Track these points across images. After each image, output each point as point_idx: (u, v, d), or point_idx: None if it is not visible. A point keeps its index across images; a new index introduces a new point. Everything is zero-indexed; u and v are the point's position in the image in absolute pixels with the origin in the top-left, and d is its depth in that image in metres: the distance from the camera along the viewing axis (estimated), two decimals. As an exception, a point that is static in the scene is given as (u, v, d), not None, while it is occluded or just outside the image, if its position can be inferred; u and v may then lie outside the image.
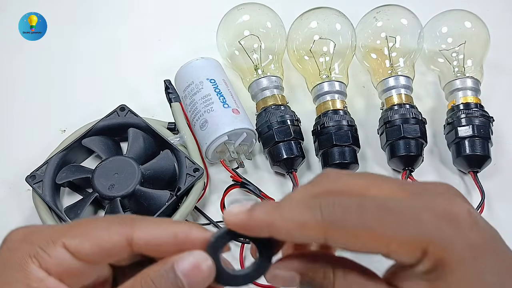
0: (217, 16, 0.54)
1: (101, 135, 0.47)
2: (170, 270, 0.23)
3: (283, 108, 0.48)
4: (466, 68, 0.51)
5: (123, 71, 0.57)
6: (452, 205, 0.22)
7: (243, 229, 0.24)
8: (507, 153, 0.50)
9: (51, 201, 0.42)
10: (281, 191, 0.47)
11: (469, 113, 0.47)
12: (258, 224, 0.23)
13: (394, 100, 0.49)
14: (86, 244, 0.24)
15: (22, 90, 0.56)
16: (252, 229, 0.24)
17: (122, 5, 0.64)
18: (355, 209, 0.22)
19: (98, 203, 0.44)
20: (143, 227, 0.25)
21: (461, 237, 0.22)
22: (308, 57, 0.51)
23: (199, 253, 0.24)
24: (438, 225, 0.22)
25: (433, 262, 0.21)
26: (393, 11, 0.52)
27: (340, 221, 0.22)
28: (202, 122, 0.46)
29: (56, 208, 0.42)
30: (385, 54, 0.51)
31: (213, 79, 0.48)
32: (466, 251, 0.21)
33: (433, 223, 0.22)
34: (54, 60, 0.58)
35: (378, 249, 0.22)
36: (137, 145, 0.45)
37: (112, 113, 0.48)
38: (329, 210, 0.22)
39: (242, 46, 0.52)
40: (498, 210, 0.47)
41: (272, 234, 0.23)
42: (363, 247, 0.22)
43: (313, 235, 0.23)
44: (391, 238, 0.21)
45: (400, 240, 0.21)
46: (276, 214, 0.23)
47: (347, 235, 0.22)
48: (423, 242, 0.21)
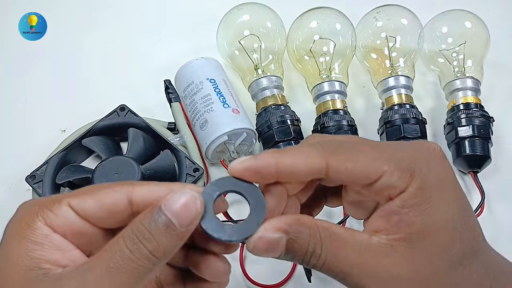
0: (217, 16, 0.54)
1: (101, 135, 0.47)
2: (159, 211, 0.24)
3: (283, 108, 0.48)
4: (466, 68, 0.51)
5: (123, 71, 0.57)
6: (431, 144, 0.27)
7: (249, 172, 0.25)
8: (507, 153, 0.50)
9: None
10: (281, 191, 0.47)
11: (469, 113, 0.47)
12: (265, 164, 0.25)
13: (394, 100, 0.49)
14: (89, 202, 0.25)
15: (22, 90, 0.56)
16: (258, 170, 0.25)
17: (122, 5, 0.64)
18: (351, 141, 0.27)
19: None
20: (142, 186, 0.26)
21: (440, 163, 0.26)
22: (308, 57, 0.51)
23: (188, 192, 0.24)
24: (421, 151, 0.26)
25: (421, 183, 0.24)
26: (393, 11, 0.52)
27: (340, 149, 0.25)
28: (202, 122, 0.46)
29: None
30: (385, 54, 0.51)
31: (213, 79, 0.48)
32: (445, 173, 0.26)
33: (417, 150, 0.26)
34: (54, 60, 0.58)
35: (375, 172, 0.25)
36: (137, 145, 0.45)
37: (112, 113, 0.48)
38: (329, 144, 0.26)
39: (242, 46, 0.52)
40: (498, 210, 0.46)
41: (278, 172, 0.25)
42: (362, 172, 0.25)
43: (317, 166, 0.25)
44: (383, 159, 0.25)
45: (392, 159, 0.25)
46: (281, 153, 0.25)
47: (346, 159, 0.25)
48: (411, 163, 0.25)
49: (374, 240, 0.25)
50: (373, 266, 0.25)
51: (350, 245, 0.25)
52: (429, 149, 0.26)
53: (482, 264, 0.26)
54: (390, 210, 0.25)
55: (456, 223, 0.25)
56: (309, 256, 0.25)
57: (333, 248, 0.25)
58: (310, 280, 0.40)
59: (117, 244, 0.23)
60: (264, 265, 0.43)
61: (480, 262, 0.26)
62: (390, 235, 0.25)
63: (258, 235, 0.25)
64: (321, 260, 0.25)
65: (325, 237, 0.25)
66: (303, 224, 0.25)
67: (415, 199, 0.25)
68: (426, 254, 0.25)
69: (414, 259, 0.24)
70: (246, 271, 0.42)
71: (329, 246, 0.25)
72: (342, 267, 0.25)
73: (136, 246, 0.23)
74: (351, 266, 0.25)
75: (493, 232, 0.45)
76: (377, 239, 0.25)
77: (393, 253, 0.25)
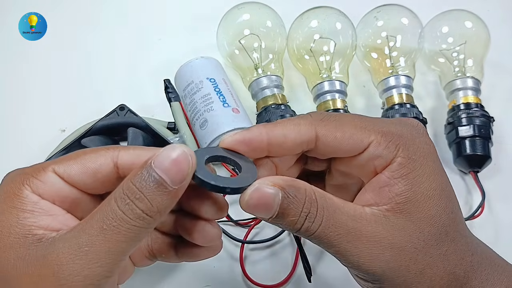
0: (217, 16, 0.54)
1: (101, 134, 0.47)
2: (149, 168, 0.23)
3: (283, 107, 0.48)
4: (467, 68, 0.51)
5: (123, 70, 0.57)
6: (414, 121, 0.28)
7: (240, 143, 0.26)
8: (508, 153, 0.50)
9: None
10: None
11: (469, 113, 0.47)
12: (256, 135, 0.26)
13: (394, 100, 0.49)
14: (74, 167, 0.25)
15: (22, 90, 0.56)
16: (250, 141, 0.26)
17: (122, 4, 0.64)
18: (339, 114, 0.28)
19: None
20: (128, 150, 0.26)
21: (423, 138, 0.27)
22: (308, 56, 0.51)
23: (178, 147, 0.23)
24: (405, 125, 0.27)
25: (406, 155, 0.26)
26: (394, 11, 0.52)
27: (329, 119, 0.27)
28: (202, 122, 0.46)
29: None
30: (386, 53, 0.51)
31: (213, 78, 0.48)
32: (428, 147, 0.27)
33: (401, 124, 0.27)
34: (54, 60, 0.58)
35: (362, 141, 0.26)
36: (136, 145, 0.45)
37: (111, 113, 0.48)
38: (318, 114, 0.27)
39: (242, 45, 0.52)
40: (498, 210, 0.46)
41: (269, 142, 0.26)
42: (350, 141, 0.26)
43: (307, 134, 0.26)
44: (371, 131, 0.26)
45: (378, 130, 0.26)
46: (272, 124, 0.26)
47: (335, 128, 0.26)
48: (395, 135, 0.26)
49: (367, 210, 0.26)
50: (368, 233, 0.25)
51: (345, 210, 0.25)
52: (413, 125, 0.28)
53: (464, 239, 0.27)
54: (378, 182, 0.26)
55: (441, 193, 0.26)
56: (304, 218, 0.24)
57: (330, 211, 0.25)
58: (310, 280, 0.40)
59: (109, 205, 0.23)
60: (264, 265, 0.43)
61: (462, 237, 0.27)
62: (381, 206, 0.26)
63: (255, 186, 0.24)
64: (315, 223, 0.24)
65: (320, 198, 0.25)
66: (299, 183, 0.25)
67: (402, 169, 0.25)
68: (417, 222, 0.25)
69: (406, 228, 0.25)
70: (246, 271, 0.41)
71: (325, 207, 0.25)
72: (338, 231, 0.25)
73: (128, 206, 0.22)
74: (347, 231, 0.25)
75: (494, 232, 0.45)
76: (369, 209, 0.26)
77: (386, 221, 0.25)
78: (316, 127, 0.26)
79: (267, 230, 0.45)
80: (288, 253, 0.43)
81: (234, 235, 0.43)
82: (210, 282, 0.42)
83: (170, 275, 0.42)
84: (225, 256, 0.43)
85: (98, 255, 0.22)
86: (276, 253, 0.44)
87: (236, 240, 0.43)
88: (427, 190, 0.26)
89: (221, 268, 0.43)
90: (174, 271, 0.42)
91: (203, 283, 0.42)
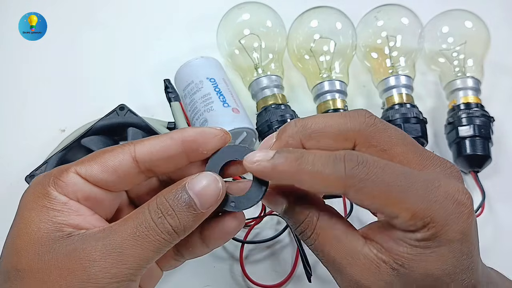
0: (217, 15, 0.54)
1: (101, 134, 0.47)
2: (183, 189, 0.25)
3: (283, 107, 0.48)
4: (467, 68, 0.51)
5: (123, 70, 0.57)
6: (459, 192, 0.25)
7: (264, 177, 0.26)
8: (508, 153, 0.50)
9: None
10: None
11: (469, 113, 0.47)
12: (280, 176, 0.25)
13: (395, 100, 0.49)
14: (95, 167, 0.26)
15: (22, 90, 0.56)
16: (273, 178, 0.26)
17: (122, 4, 0.64)
18: (378, 172, 0.24)
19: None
20: (142, 142, 0.27)
21: (460, 222, 0.24)
22: (308, 56, 0.51)
23: (210, 174, 0.26)
24: (445, 206, 0.24)
25: (429, 235, 0.24)
26: (394, 11, 0.52)
27: (362, 181, 0.24)
28: (202, 121, 0.46)
29: None
30: (386, 53, 0.51)
31: (213, 78, 0.48)
32: (458, 234, 0.24)
33: (441, 203, 0.24)
34: (54, 60, 0.58)
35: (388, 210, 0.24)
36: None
37: (111, 113, 0.47)
38: (352, 167, 0.24)
39: (242, 45, 0.52)
40: (498, 210, 0.46)
41: (294, 183, 0.25)
42: (376, 206, 0.24)
43: (334, 189, 0.24)
44: (402, 204, 0.24)
45: (410, 208, 0.24)
46: (299, 166, 0.24)
47: (366, 193, 0.24)
48: (428, 216, 0.24)
49: (365, 250, 0.25)
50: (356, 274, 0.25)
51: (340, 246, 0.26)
52: (459, 204, 0.24)
53: None
54: (391, 233, 0.25)
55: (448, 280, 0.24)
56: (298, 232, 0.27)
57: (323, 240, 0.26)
58: (310, 280, 0.40)
59: (143, 214, 0.25)
60: (264, 266, 0.43)
61: None
62: (379, 254, 0.25)
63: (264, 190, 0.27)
64: (308, 242, 0.27)
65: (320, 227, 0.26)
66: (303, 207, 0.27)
67: (415, 245, 0.24)
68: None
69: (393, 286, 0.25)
70: (246, 271, 0.41)
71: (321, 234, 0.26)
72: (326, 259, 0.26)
73: (160, 220, 0.24)
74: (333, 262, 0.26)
75: (494, 232, 0.45)
76: (367, 250, 0.25)
77: (377, 272, 0.25)
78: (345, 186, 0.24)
79: (267, 231, 0.45)
80: (288, 253, 0.43)
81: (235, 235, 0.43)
82: (210, 282, 0.42)
83: (170, 275, 0.42)
84: (225, 256, 0.43)
85: (128, 257, 0.24)
86: (276, 253, 0.43)
87: (236, 240, 0.43)
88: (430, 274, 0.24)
89: (221, 268, 0.43)
90: (174, 271, 0.42)
91: (203, 283, 0.42)
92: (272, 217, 0.45)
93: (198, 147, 0.27)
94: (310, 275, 0.40)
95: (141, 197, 0.30)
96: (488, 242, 0.45)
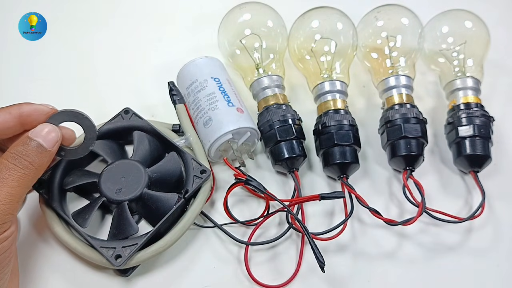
0: (218, 15, 0.54)
1: (106, 138, 0.46)
2: (27, 139, 0.34)
3: (284, 107, 0.48)
4: (467, 68, 0.51)
5: (124, 72, 0.57)
6: None
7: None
8: (508, 153, 0.51)
9: (59, 207, 0.41)
10: (283, 190, 0.47)
11: (469, 113, 0.47)
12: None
13: (394, 100, 0.49)
14: None
15: (22, 90, 0.56)
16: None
17: (122, 5, 0.64)
18: None
19: (105, 207, 0.44)
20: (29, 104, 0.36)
21: None
22: (309, 56, 0.51)
23: (49, 123, 0.36)
24: None
25: None
26: (394, 11, 0.53)
27: None
28: (206, 120, 0.46)
29: (63, 213, 0.41)
30: (386, 53, 0.51)
31: (217, 78, 0.48)
32: None
33: None
34: (54, 60, 0.58)
35: None
36: (142, 148, 0.45)
37: (116, 116, 0.47)
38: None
39: (244, 45, 0.52)
40: (498, 210, 0.47)
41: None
42: None
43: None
44: None
45: None
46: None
47: None
48: None
49: None
50: None
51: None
52: None
53: None
54: None
55: None
56: None
57: None
58: (323, 269, 0.38)
59: (1, 163, 0.33)
60: (268, 266, 0.43)
61: None
62: None
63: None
64: None
65: None
66: None
67: None
68: None
69: None
70: (251, 272, 0.41)
71: None
72: None
73: (18, 160, 0.33)
74: None
75: (494, 232, 0.45)
76: None
77: None
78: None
79: (270, 231, 0.45)
80: (291, 254, 0.44)
81: (235, 235, 0.43)
82: (210, 282, 0.42)
83: (170, 275, 0.42)
84: (225, 256, 0.43)
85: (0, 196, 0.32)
86: (279, 254, 0.44)
87: (240, 242, 0.43)
88: None
89: (221, 268, 0.43)
90: (174, 271, 0.42)
91: (203, 283, 0.42)
92: (274, 217, 0.45)
93: (33, 121, 0.36)
94: (323, 264, 0.39)
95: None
96: (488, 242, 0.45)
